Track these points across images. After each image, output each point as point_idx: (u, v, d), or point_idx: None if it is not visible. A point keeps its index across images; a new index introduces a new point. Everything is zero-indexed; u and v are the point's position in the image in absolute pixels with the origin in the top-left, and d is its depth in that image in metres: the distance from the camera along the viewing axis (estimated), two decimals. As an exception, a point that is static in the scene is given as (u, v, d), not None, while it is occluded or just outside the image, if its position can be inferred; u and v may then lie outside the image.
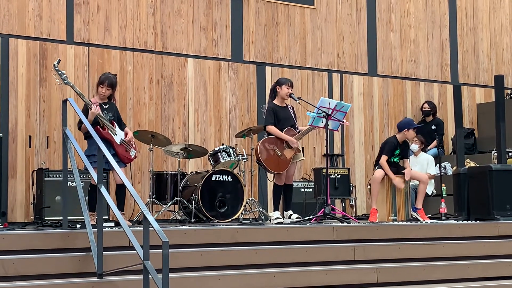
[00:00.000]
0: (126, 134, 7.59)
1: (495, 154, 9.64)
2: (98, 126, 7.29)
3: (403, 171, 8.80)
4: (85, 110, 7.23)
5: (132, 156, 7.63)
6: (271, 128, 8.07)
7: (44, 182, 8.44)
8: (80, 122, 7.37)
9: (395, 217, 8.72)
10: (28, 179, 8.76)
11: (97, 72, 9.19)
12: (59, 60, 7.43)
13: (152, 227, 4.84)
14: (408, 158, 9.01)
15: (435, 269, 6.88)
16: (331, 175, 9.62)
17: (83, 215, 5.98)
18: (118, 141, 7.44)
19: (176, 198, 8.58)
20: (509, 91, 12.37)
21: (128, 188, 5.34)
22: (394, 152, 8.78)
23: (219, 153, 8.87)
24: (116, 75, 7.79)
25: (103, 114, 7.38)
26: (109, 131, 7.38)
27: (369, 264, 6.72)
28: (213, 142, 10.04)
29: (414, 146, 10.23)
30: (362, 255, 6.81)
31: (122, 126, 7.64)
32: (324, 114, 8.04)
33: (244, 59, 10.47)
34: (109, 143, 7.32)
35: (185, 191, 8.68)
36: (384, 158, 8.72)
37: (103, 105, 7.48)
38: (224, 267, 6.19)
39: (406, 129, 8.80)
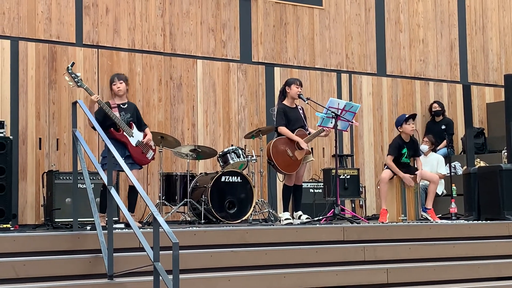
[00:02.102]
0: (144, 135, 7.56)
1: (505, 153, 9.60)
2: (112, 128, 7.29)
3: (416, 173, 8.73)
4: (100, 112, 7.24)
5: (149, 158, 7.60)
6: (283, 129, 8.07)
7: (54, 184, 8.46)
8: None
9: (405, 217, 8.70)
10: (38, 181, 8.79)
11: (106, 74, 9.22)
12: (73, 63, 7.45)
13: (162, 228, 4.85)
14: (420, 157, 8.95)
15: (446, 269, 6.86)
16: (340, 175, 9.61)
17: (93, 217, 6.00)
18: (134, 143, 7.42)
19: (185, 199, 8.59)
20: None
21: (138, 190, 5.35)
22: (401, 151, 8.71)
23: (228, 154, 8.87)
24: (124, 74, 7.84)
25: (121, 115, 7.37)
26: (124, 133, 7.35)
27: (379, 265, 6.71)
28: (222, 143, 10.04)
29: (424, 147, 10.20)
30: (372, 255, 6.80)
31: (142, 127, 7.61)
32: (333, 114, 8.04)
33: (252, 60, 10.48)
34: (123, 144, 7.32)
35: (194, 192, 8.69)
36: (389, 158, 8.67)
37: (121, 106, 7.48)
38: (234, 268, 6.19)
39: (399, 126, 8.75)
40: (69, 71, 7.29)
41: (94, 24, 9.39)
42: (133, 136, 7.41)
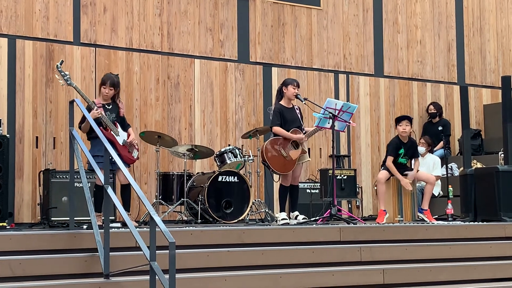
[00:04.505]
0: (128, 135, 7.58)
1: (502, 155, 9.61)
2: (101, 127, 7.30)
3: (406, 173, 8.75)
4: (88, 111, 7.24)
5: (135, 157, 7.62)
6: (277, 129, 8.07)
7: (51, 182, 8.46)
8: (81, 122, 7.38)
9: (402, 218, 8.71)
10: (35, 180, 8.78)
11: (103, 73, 9.18)
12: (62, 61, 7.44)
13: (159, 227, 4.84)
14: (418, 158, 8.96)
15: (442, 270, 6.86)
16: (337, 176, 9.60)
17: (90, 216, 5.99)
18: (120, 142, 7.44)
19: (182, 199, 8.59)
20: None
21: (134, 189, 5.35)
22: (398, 152, 8.74)
23: (225, 154, 8.87)
24: (117, 74, 7.79)
25: (106, 115, 7.38)
26: (111, 132, 7.37)
27: (375, 265, 6.72)
28: (220, 143, 10.04)
29: (421, 148, 10.20)
30: (368, 256, 6.81)
31: (125, 127, 7.63)
32: (331, 115, 8.04)
33: (250, 60, 10.47)
34: (112, 144, 7.31)
35: (191, 192, 8.69)
36: (389, 159, 8.70)
37: (106, 106, 7.48)
38: (230, 268, 6.20)
39: (395, 127, 8.85)
40: (59, 69, 7.28)
41: (92, 22, 9.38)
42: (119, 135, 7.45)
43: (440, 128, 11.55)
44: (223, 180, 8.58)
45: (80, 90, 7.40)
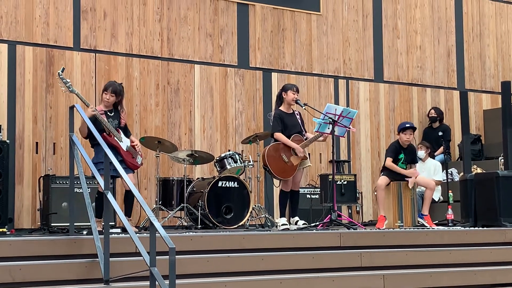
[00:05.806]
0: (132, 142, 7.62)
1: (502, 160, 9.61)
2: (105, 133, 7.31)
3: (406, 179, 8.78)
4: (91, 117, 7.24)
5: (139, 163, 7.66)
6: (278, 135, 8.07)
7: (51, 188, 8.45)
8: (82, 127, 7.36)
9: (402, 224, 8.71)
10: (34, 185, 8.78)
11: (103, 79, 9.21)
12: (63, 68, 7.46)
13: (159, 233, 4.84)
14: (416, 164, 8.99)
15: (442, 276, 6.86)
16: (337, 181, 9.60)
17: (90, 221, 5.99)
18: (124, 148, 7.46)
19: (182, 204, 8.58)
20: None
21: (135, 194, 5.35)
22: (398, 156, 8.75)
23: (225, 159, 8.87)
24: (122, 83, 7.79)
25: (109, 122, 7.39)
26: (115, 138, 7.39)
27: (375, 271, 6.71)
28: (220, 148, 10.04)
29: (421, 153, 10.21)
30: (368, 261, 6.80)
31: (127, 134, 7.66)
32: (331, 120, 8.04)
33: (250, 65, 10.48)
34: (115, 149, 7.33)
35: (191, 197, 8.68)
36: (389, 160, 8.74)
37: (108, 113, 7.50)
38: (230, 274, 6.19)
39: (398, 133, 8.87)
40: (60, 76, 7.30)
41: (92, 28, 9.39)
42: (122, 141, 7.46)
43: (440, 133, 11.56)
44: (223, 185, 8.57)
45: (82, 97, 7.41)
